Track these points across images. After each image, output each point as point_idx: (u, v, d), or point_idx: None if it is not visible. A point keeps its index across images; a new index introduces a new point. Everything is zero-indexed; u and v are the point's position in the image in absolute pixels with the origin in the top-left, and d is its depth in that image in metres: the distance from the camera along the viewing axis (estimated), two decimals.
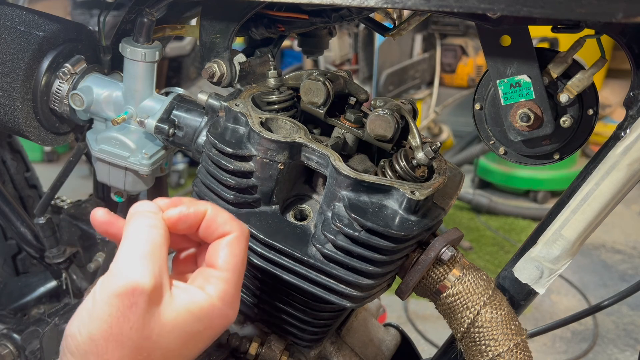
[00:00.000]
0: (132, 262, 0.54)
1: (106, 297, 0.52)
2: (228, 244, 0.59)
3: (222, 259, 0.59)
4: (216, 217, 0.60)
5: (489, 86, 0.76)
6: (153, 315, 0.53)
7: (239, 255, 0.59)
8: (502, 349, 0.71)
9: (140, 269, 0.53)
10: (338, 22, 0.87)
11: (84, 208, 1.28)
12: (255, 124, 0.73)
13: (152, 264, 0.54)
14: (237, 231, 0.60)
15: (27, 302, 1.32)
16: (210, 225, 0.60)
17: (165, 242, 0.57)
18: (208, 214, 0.60)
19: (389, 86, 4.14)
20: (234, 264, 0.59)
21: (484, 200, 3.80)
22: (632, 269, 3.24)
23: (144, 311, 0.52)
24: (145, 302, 0.52)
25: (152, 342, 0.53)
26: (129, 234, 0.56)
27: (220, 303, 0.57)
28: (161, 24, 0.96)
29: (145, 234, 0.56)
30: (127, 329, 0.52)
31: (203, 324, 0.56)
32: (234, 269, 0.59)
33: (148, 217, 0.58)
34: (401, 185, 0.68)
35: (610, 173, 0.68)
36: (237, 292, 0.59)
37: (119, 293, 0.52)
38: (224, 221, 0.60)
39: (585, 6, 0.52)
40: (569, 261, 0.74)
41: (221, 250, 0.59)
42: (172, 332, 0.54)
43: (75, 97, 0.92)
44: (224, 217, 0.60)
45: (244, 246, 0.61)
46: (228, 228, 0.60)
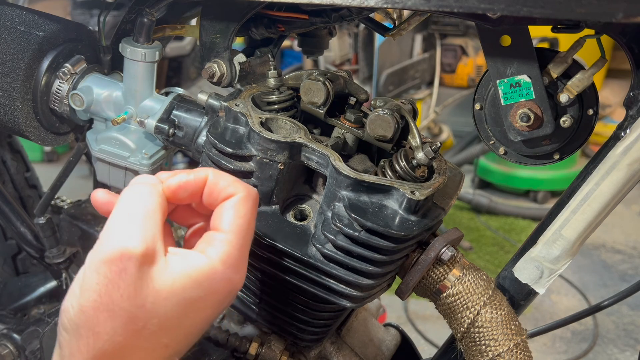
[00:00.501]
0: (121, 227, 0.51)
1: (94, 265, 0.49)
2: (232, 205, 0.56)
3: (226, 221, 0.55)
4: (218, 181, 0.57)
5: (489, 86, 0.76)
6: (146, 281, 0.50)
7: (245, 216, 0.56)
8: (502, 349, 0.71)
9: (129, 232, 0.50)
10: (338, 22, 0.87)
11: (84, 208, 1.28)
12: (255, 124, 0.73)
13: (143, 228, 0.51)
14: (242, 192, 0.57)
15: (27, 302, 1.32)
16: (213, 190, 0.57)
17: (159, 208, 0.54)
18: (209, 178, 0.57)
19: (389, 86, 4.14)
20: (238, 224, 0.55)
21: (484, 200, 3.80)
22: (632, 269, 3.24)
23: (134, 277, 0.49)
24: (135, 267, 0.49)
25: (147, 311, 0.49)
26: (121, 200, 0.54)
27: (223, 266, 0.53)
28: (161, 24, 0.96)
29: (137, 200, 0.53)
30: (118, 296, 0.48)
31: (204, 289, 0.52)
32: (238, 230, 0.55)
33: (143, 185, 0.55)
34: (401, 185, 0.68)
35: (610, 173, 0.68)
36: (242, 255, 0.56)
37: (106, 259, 0.49)
38: (227, 184, 0.57)
39: (585, 6, 0.52)
40: (569, 261, 0.74)
41: (225, 212, 0.56)
42: (169, 298, 0.50)
43: (75, 97, 0.92)
44: (227, 180, 0.57)
45: (251, 207, 0.57)
46: (232, 190, 0.57)
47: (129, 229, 0.50)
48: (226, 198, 0.57)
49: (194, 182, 0.57)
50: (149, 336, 0.50)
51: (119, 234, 0.50)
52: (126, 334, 0.49)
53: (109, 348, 0.49)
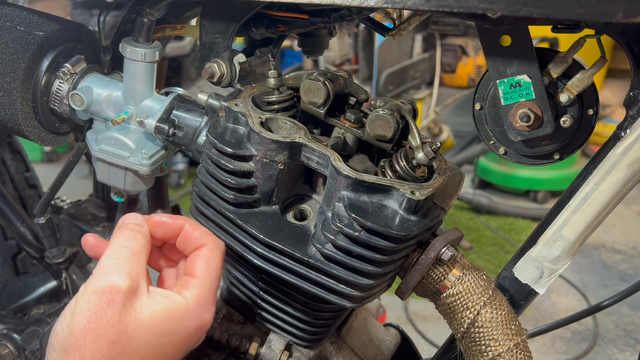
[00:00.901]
0: (111, 265, 0.59)
1: (87, 294, 0.58)
2: (204, 255, 0.65)
3: (198, 267, 0.64)
4: (193, 231, 0.66)
5: (489, 86, 0.76)
6: (129, 312, 0.58)
7: (214, 264, 0.65)
8: (502, 349, 0.71)
9: (118, 270, 0.59)
10: (338, 22, 0.87)
11: (84, 208, 1.28)
12: (255, 124, 0.73)
13: (129, 267, 0.60)
14: (212, 243, 0.66)
15: (27, 302, 1.32)
16: (187, 237, 0.66)
17: (144, 250, 0.63)
18: (186, 227, 0.67)
19: (389, 86, 4.14)
20: (209, 272, 0.65)
21: (484, 200, 3.80)
22: (632, 269, 3.24)
23: (120, 307, 0.57)
24: (122, 300, 0.57)
25: (127, 337, 0.57)
26: (111, 242, 0.63)
27: (196, 305, 0.62)
28: (161, 24, 0.96)
29: (125, 242, 0.62)
30: (104, 323, 0.56)
31: (178, 323, 0.61)
32: (209, 276, 0.64)
33: (129, 228, 0.64)
34: (401, 185, 0.68)
35: (610, 173, 0.68)
36: (211, 298, 0.64)
37: (98, 290, 0.57)
38: (200, 235, 0.66)
39: (585, 6, 0.52)
40: (569, 261, 0.74)
41: (198, 260, 0.65)
42: (148, 329, 0.58)
43: (75, 97, 0.92)
44: (201, 232, 0.67)
45: (219, 257, 0.66)
46: (204, 241, 0.66)
47: (118, 266, 0.59)
48: (198, 247, 0.66)
49: (171, 224, 0.67)
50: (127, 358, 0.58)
51: (110, 270, 0.59)
52: (108, 355, 0.57)
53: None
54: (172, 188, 4.03)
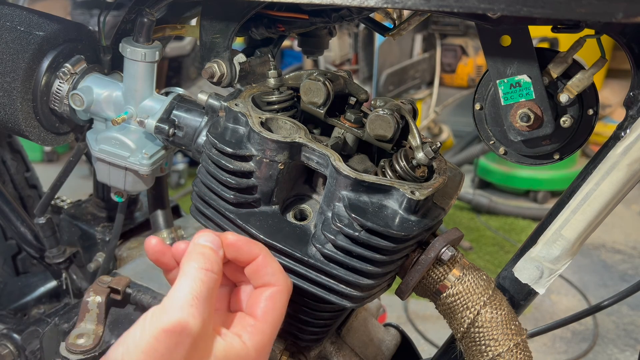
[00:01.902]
0: (186, 302, 0.54)
1: (155, 330, 0.52)
2: (270, 296, 0.61)
3: (262, 310, 0.60)
4: (266, 265, 0.62)
5: (489, 86, 0.76)
6: (194, 356, 0.54)
7: (279, 309, 0.61)
8: (502, 349, 0.71)
9: (193, 310, 0.54)
10: (338, 22, 0.87)
11: (84, 208, 1.28)
12: (255, 124, 0.73)
13: (204, 308, 0.55)
14: (282, 285, 0.62)
15: (27, 302, 1.32)
16: (258, 270, 0.62)
17: (216, 285, 0.58)
18: (259, 259, 0.62)
19: (389, 86, 4.14)
20: (273, 317, 0.61)
21: (484, 200, 3.80)
22: (632, 269, 3.24)
23: (187, 352, 0.53)
24: (190, 344, 0.53)
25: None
26: (187, 271, 0.57)
27: (255, 353, 0.58)
28: (161, 24, 0.96)
29: (202, 275, 0.57)
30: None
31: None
32: (271, 322, 0.60)
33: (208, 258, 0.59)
34: (401, 185, 0.68)
35: (610, 173, 0.68)
36: (270, 344, 0.61)
37: (168, 329, 0.52)
38: (273, 272, 0.62)
39: (585, 6, 0.52)
40: (569, 261, 0.74)
41: (262, 302, 0.61)
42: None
43: (75, 97, 0.92)
44: (274, 268, 0.62)
45: (285, 301, 0.62)
46: (274, 280, 0.62)
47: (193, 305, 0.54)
48: (266, 285, 0.62)
49: (246, 252, 0.62)
50: None
51: (183, 307, 0.54)
52: None
53: None
54: (172, 188, 4.03)
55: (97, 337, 0.95)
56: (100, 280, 1.00)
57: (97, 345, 0.94)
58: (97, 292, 0.98)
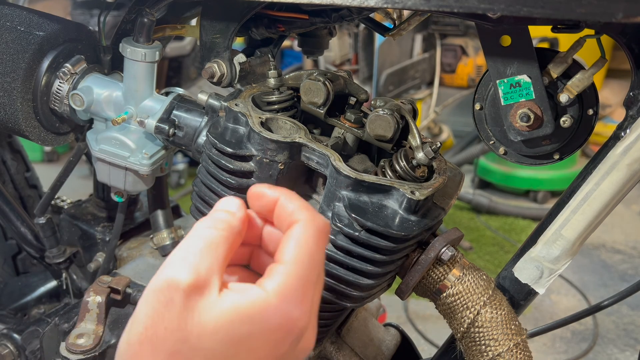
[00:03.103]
0: (176, 259, 0.49)
1: (145, 295, 0.48)
2: (293, 234, 0.52)
3: (286, 251, 0.51)
4: (287, 204, 0.53)
5: (489, 86, 0.76)
6: (192, 313, 0.46)
7: (306, 244, 0.51)
8: (502, 348, 0.71)
9: (180, 264, 0.48)
10: (338, 22, 0.87)
11: (84, 208, 1.28)
12: (256, 124, 0.73)
13: (198, 260, 0.48)
14: (305, 219, 0.52)
15: (27, 302, 1.32)
16: (281, 213, 0.54)
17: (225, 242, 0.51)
18: (280, 200, 0.54)
19: (389, 86, 4.14)
20: (299, 255, 0.50)
21: (484, 200, 3.80)
22: (632, 269, 3.24)
23: (180, 309, 0.46)
24: (182, 299, 0.46)
25: (191, 347, 0.46)
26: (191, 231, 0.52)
27: (277, 299, 0.48)
28: (161, 24, 0.96)
29: (202, 232, 0.51)
30: (162, 329, 0.46)
31: (255, 325, 0.47)
32: (298, 261, 0.50)
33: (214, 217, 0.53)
34: (401, 185, 0.68)
35: (610, 173, 0.68)
36: (305, 289, 0.50)
37: (155, 288, 0.47)
38: (294, 209, 0.53)
39: (585, 6, 0.52)
40: (569, 261, 0.74)
41: (285, 243, 0.52)
42: (215, 334, 0.46)
43: (76, 97, 0.92)
44: (295, 205, 0.53)
45: (315, 235, 0.52)
46: (297, 216, 0.52)
47: (183, 260, 0.48)
48: (290, 225, 0.53)
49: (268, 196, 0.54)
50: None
51: (172, 265, 0.48)
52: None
53: None
54: (172, 188, 4.03)
55: (97, 337, 0.95)
56: (100, 280, 1.00)
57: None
58: (97, 292, 0.98)
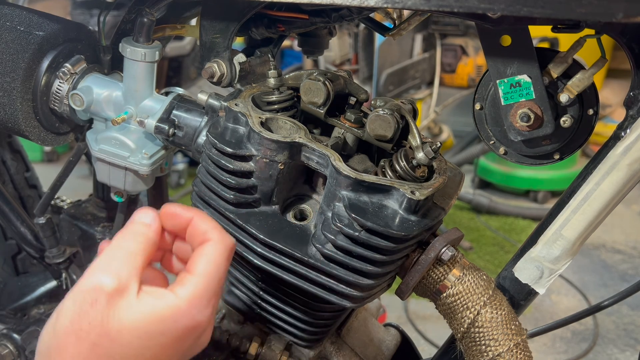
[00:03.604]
0: (99, 266, 0.57)
1: (72, 293, 0.56)
2: (206, 250, 0.61)
3: (197, 264, 0.60)
4: (200, 224, 0.62)
5: (489, 86, 0.76)
6: (113, 312, 0.55)
7: (216, 262, 0.60)
8: (502, 349, 0.71)
9: (106, 270, 0.56)
10: (338, 22, 0.87)
11: (84, 208, 1.28)
12: (255, 124, 0.73)
13: (119, 267, 0.57)
14: (216, 238, 0.61)
15: (27, 302, 1.32)
16: (194, 231, 0.62)
17: (142, 251, 0.60)
18: (194, 219, 0.62)
19: (389, 86, 4.14)
20: (208, 270, 0.60)
21: (484, 200, 3.80)
22: (632, 269, 3.24)
23: (104, 308, 0.54)
24: (105, 300, 0.54)
25: (110, 340, 0.54)
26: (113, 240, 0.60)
27: (187, 305, 0.57)
28: (161, 24, 0.96)
29: (122, 242, 0.60)
30: (86, 324, 0.54)
31: (166, 324, 0.56)
32: (207, 274, 0.59)
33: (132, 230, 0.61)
34: (401, 185, 0.68)
35: (610, 173, 0.68)
36: (209, 297, 0.59)
37: (83, 289, 0.55)
38: (206, 229, 0.62)
39: (586, 6, 0.52)
40: (569, 261, 0.74)
41: (197, 257, 0.61)
42: (132, 331, 0.55)
43: (75, 97, 0.92)
44: (208, 225, 0.62)
45: (223, 254, 0.61)
46: (209, 235, 0.61)
47: (107, 267, 0.57)
48: (203, 242, 0.61)
49: (181, 216, 0.63)
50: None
51: (98, 271, 0.57)
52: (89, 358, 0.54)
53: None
54: (172, 188, 4.03)
55: None
56: None
57: None
58: None
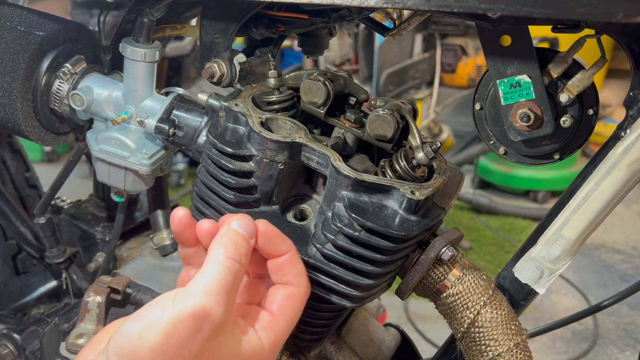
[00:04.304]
0: (212, 289, 0.53)
1: (178, 313, 0.50)
2: (290, 295, 0.60)
3: (280, 308, 0.59)
4: (293, 264, 0.61)
5: (489, 86, 0.76)
6: (212, 346, 0.53)
7: (296, 310, 0.60)
8: (502, 349, 0.71)
9: (218, 298, 0.52)
10: (338, 22, 0.87)
11: (84, 208, 1.28)
12: (256, 124, 0.73)
13: (228, 297, 0.54)
14: (304, 287, 0.61)
15: (27, 302, 1.32)
16: (284, 267, 0.61)
17: (242, 276, 0.57)
18: (286, 256, 0.61)
19: (389, 86, 4.14)
20: (290, 317, 0.60)
21: (484, 200, 3.80)
22: (632, 269, 3.24)
23: (206, 340, 0.52)
24: (210, 332, 0.52)
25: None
26: (216, 257, 0.56)
27: (269, 351, 0.58)
28: (161, 24, 0.96)
29: (230, 265, 0.55)
30: (186, 352, 0.51)
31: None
32: (287, 321, 0.59)
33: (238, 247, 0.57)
34: (401, 185, 0.68)
35: (610, 173, 0.68)
36: (282, 344, 0.60)
37: (192, 314, 0.51)
38: (297, 272, 0.61)
39: (585, 6, 0.52)
40: (569, 261, 0.74)
41: (282, 300, 0.60)
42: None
43: (75, 97, 0.92)
44: (299, 269, 0.61)
45: (303, 304, 0.61)
46: (297, 281, 0.61)
47: (219, 293, 0.53)
48: (288, 283, 0.61)
49: (276, 246, 0.61)
50: None
51: (209, 294, 0.52)
52: None
53: None
54: (172, 188, 4.03)
55: None
56: (100, 280, 1.00)
57: None
58: (97, 292, 0.98)
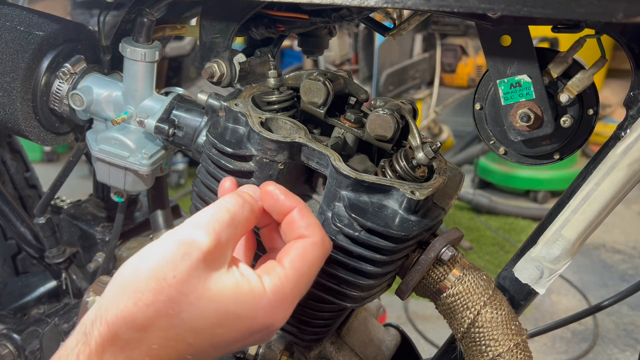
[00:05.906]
0: (204, 220, 0.55)
1: (166, 239, 0.53)
2: (301, 246, 0.59)
3: (290, 258, 0.58)
4: (302, 218, 0.60)
5: (489, 86, 0.76)
6: (201, 276, 0.52)
7: (309, 261, 0.58)
8: (503, 349, 0.71)
9: (208, 228, 0.54)
10: (338, 22, 0.87)
11: (84, 208, 1.28)
12: (255, 124, 0.73)
13: (221, 230, 0.54)
14: (316, 237, 0.60)
15: (27, 302, 1.32)
16: (293, 222, 0.60)
17: (245, 223, 0.57)
18: (295, 211, 0.60)
19: (389, 86, 4.14)
20: (300, 266, 0.58)
21: (484, 200, 3.80)
22: (632, 269, 3.24)
23: (193, 265, 0.52)
24: (197, 258, 0.52)
25: (188, 302, 0.52)
26: (217, 202, 0.58)
27: (271, 297, 0.55)
28: (161, 24, 0.96)
29: (230, 206, 0.57)
30: (171, 275, 0.51)
31: (245, 309, 0.54)
32: (297, 271, 0.57)
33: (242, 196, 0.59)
34: (401, 185, 0.68)
35: (610, 173, 0.68)
36: (292, 295, 0.57)
37: (179, 239, 0.53)
38: (307, 224, 0.60)
39: (585, 6, 0.52)
40: (569, 261, 0.74)
41: (293, 250, 0.59)
42: (211, 302, 0.53)
43: (75, 97, 0.92)
44: (309, 220, 0.60)
45: (318, 255, 0.59)
46: (308, 232, 0.60)
47: (210, 224, 0.54)
48: (300, 237, 0.59)
49: (282, 202, 0.61)
50: (177, 325, 0.52)
51: (200, 226, 0.54)
52: (163, 311, 0.51)
53: (139, 316, 0.51)
54: (172, 188, 4.03)
55: None
56: (100, 280, 1.00)
57: None
58: (97, 292, 0.98)
